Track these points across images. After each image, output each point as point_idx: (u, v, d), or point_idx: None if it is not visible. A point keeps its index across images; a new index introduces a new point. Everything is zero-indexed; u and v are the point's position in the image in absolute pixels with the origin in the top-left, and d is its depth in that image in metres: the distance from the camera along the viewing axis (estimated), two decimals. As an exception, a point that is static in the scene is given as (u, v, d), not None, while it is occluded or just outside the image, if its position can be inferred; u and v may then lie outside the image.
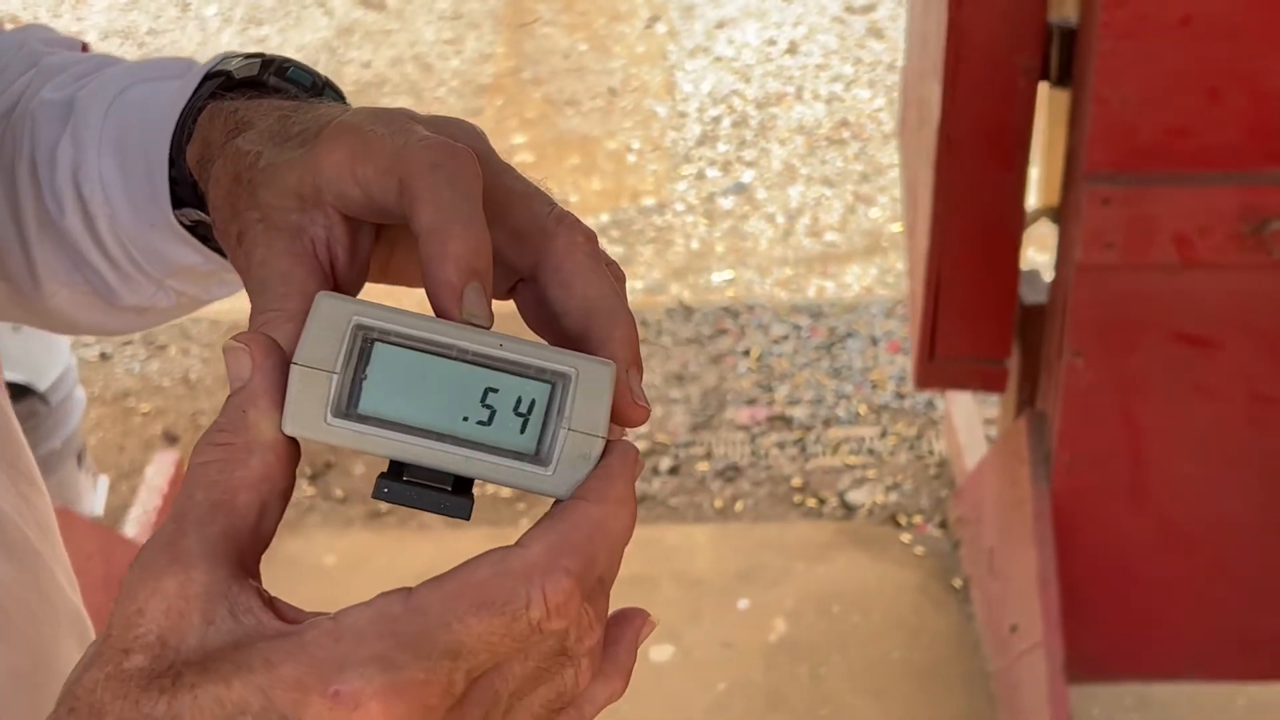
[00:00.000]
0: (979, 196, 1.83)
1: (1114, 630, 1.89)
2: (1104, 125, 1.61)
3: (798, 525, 2.41)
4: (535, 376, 0.48)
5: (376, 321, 0.47)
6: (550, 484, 0.47)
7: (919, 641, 2.18)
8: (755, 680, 2.13)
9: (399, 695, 0.39)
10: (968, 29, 1.70)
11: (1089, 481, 1.82)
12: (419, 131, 0.51)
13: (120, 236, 0.73)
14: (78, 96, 0.74)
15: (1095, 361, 1.74)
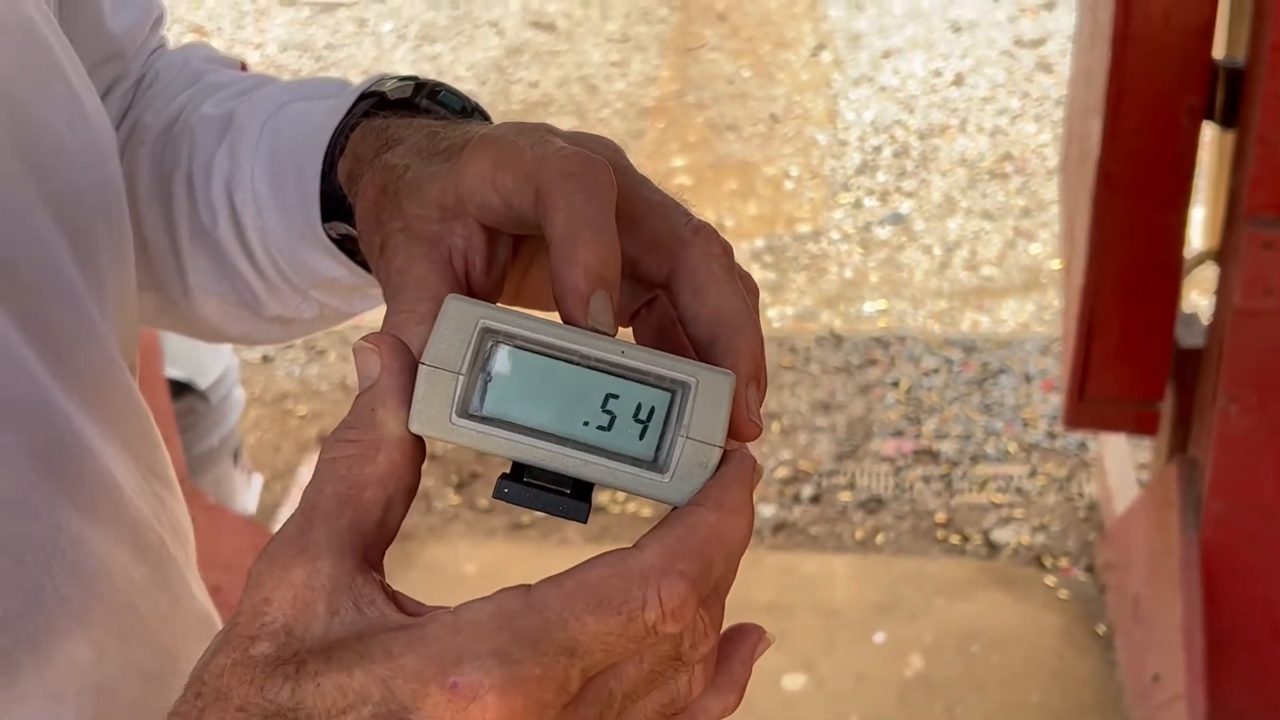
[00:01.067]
0: (1137, 236, 1.82)
1: (1260, 686, 1.87)
2: (1268, 167, 1.60)
3: (939, 561, 2.40)
4: (655, 384, 0.47)
5: (503, 325, 0.47)
6: (667, 491, 0.47)
7: (1059, 686, 2.16)
8: (888, 715, 2.13)
9: (516, 689, 0.40)
10: (1131, 66, 1.70)
11: (1240, 532, 1.79)
12: (557, 143, 0.51)
13: (269, 248, 0.74)
14: (236, 111, 0.76)
15: (1251, 408, 1.72)
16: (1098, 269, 1.83)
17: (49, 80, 0.65)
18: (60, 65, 0.65)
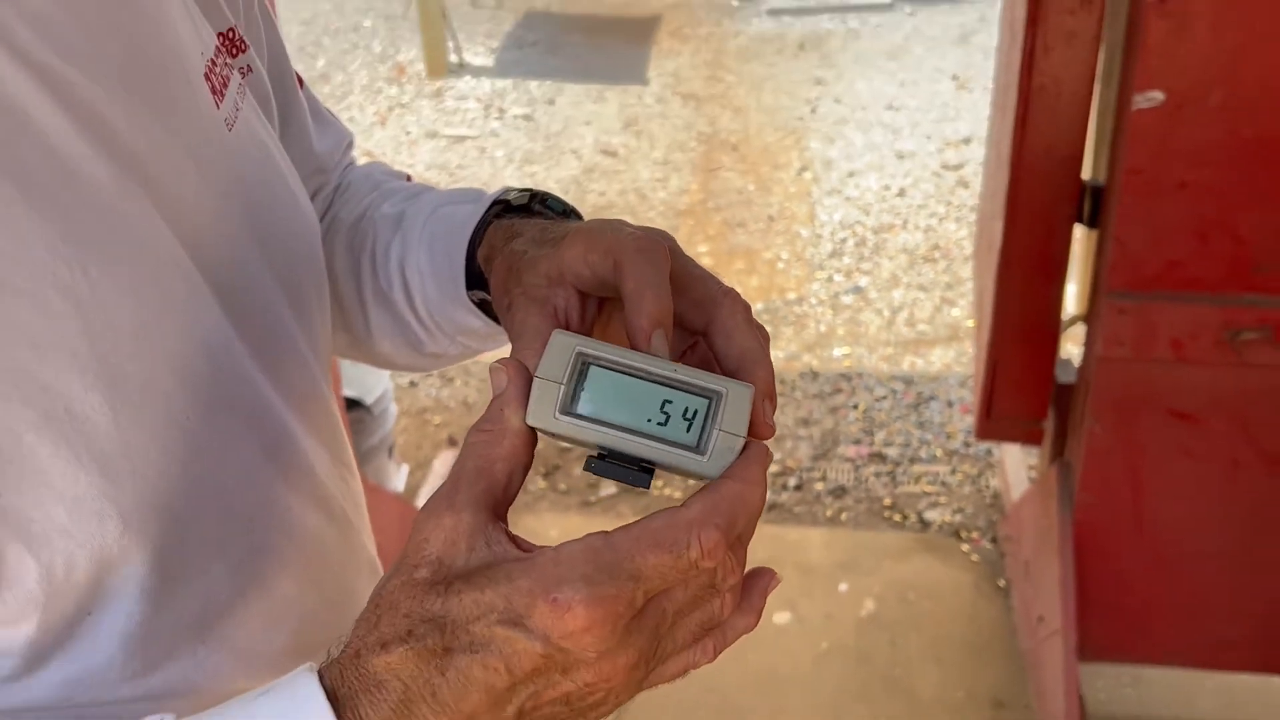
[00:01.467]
0: (1028, 304, 1.85)
1: (1115, 626, 1.88)
2: (1121, 257, 1.62)
3: (886, 534, 2.42)
4: (698, 393, 0.51)
5: (591, 350, 0.51)
6: (706, 468, 0.50)
7: (972, 625, 2.18)
8: (848, 643, 2.15)
9: (597, 604, 0.42)
10: (1023, 185, 1.73)
11: (1101, 516, 1.82)
12: (630, 229, 0.56)
13: (429, 307, 0.75)
14: (406, 211, 0.77)
15: (1109, 428, 1.74)
16: (999, 327, 1.87)
17: (277, 186, 0.65)
18: (284, 176, 0.66)
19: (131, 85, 0.52)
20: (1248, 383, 1.67)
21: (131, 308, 0.51)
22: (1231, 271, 1.60)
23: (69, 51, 0.49)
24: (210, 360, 0.56)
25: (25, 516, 0.47)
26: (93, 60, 0.51)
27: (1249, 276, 1.60)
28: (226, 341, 0.57)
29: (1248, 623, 1.84)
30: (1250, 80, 1.49)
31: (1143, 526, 1.80)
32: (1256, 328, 1.61)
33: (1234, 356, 1.63)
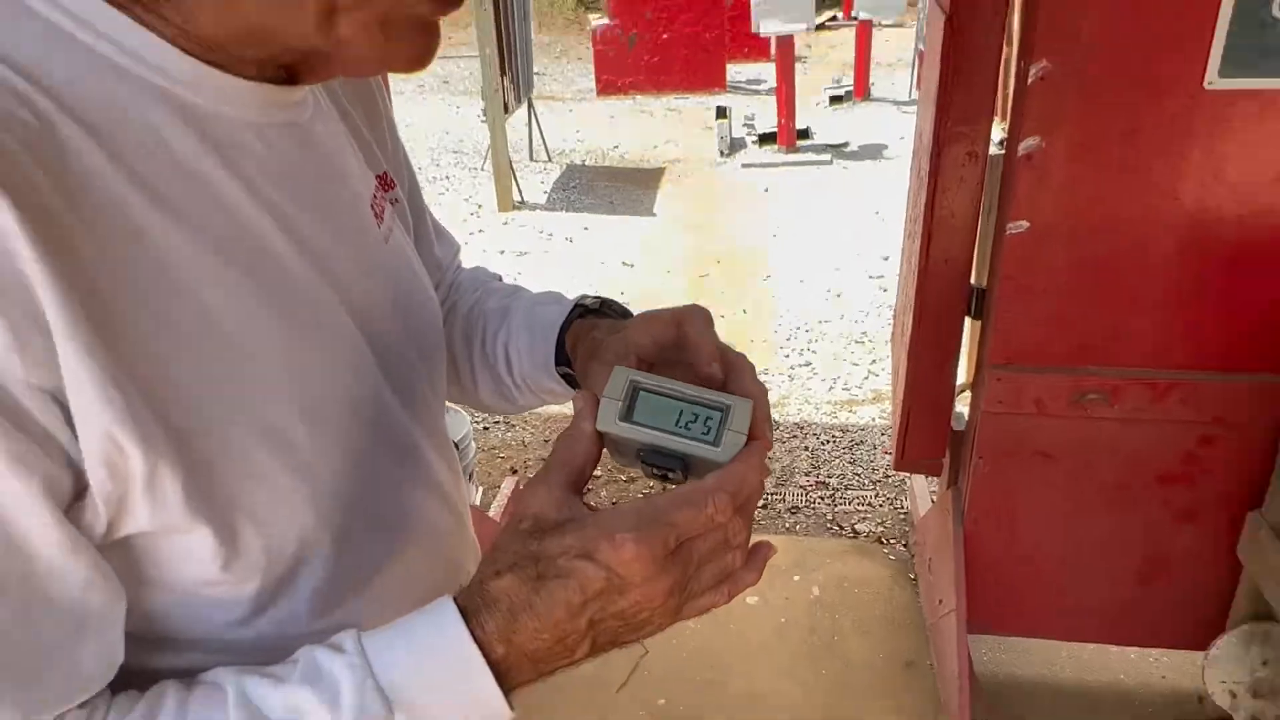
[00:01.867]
0: (930, 375, 1.84)
1: (994, 607, 1.87)
2: (998, 341, 1.64)
3: (829, 541, 2.41)
4: (714, 406, 0.53)
5: (640, 379, 0.54)
6: (719, 456, 0.51)
7: (890, 607, 2.16)
8: (800, 619, 2.14)
9: (643, 541, 0.45)
10: (928, 288, 1.74)
11: (983, 527, 1.81)
12: (682, 310, 0.60)
13: (523, 375, 0.75)
14: (510, 306, 0.77)
15: (990, 463, 1.74)
16: (910, 391, 1.86)
17: (414, 281, 0.65)
18: (419, 274, 0.66)
19: (326, 216, 0.54)
20: (1089, 431, 1.67)
21: (320, 364, 0.52)
22: (1077, 351, 1.62)
23: (290, 195, 0.51)
24: (369, 400, 0.56)
25: (254, 508, 0.47)
26: (304, 200, 0.53)
27: (1089, 354, 1.62)
28: (379, 386, 0.57)
29: (1090, 605, 1.84)
30: (1089, 216, 1.52)
31: (1014, 535, 1.80)
32: (1096, 391, 1.63)
33: (1080, 412, 1.65)
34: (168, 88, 0.44)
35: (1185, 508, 1.72)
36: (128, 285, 0.41)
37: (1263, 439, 1.63)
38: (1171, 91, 1.41)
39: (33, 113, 0.39)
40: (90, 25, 0.41)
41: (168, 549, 0.46)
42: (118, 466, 0.41)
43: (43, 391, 0.38)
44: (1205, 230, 1.49)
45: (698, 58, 6.88)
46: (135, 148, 0.43)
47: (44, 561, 0.40)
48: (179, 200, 0.44)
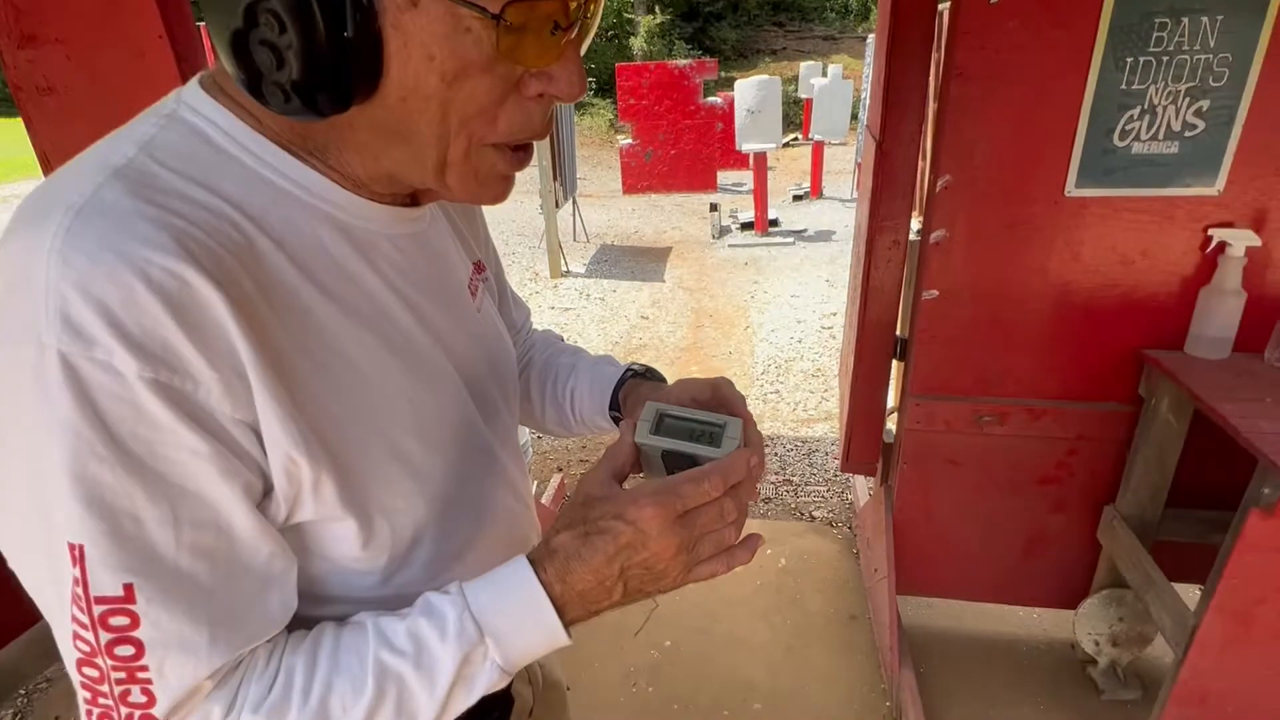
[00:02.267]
0: (867, 401, 1.83)
1: (916, 574, 1.83)
2: (916, 377, 1.62)
3: (792, 524, 2.36)
4: (715, 424, 0.53)
5: (665, 407, 0.55)
6: (719, 455, 0.51)
7: (839, 573, 2.12)
8: (771, 581, 2.10)
9: (658, 505, 0.45)
10: (865, 338, 1.74)
11: (908, 515, 1.78)
12: (715, 378, 0.60)
13: (582, 414, 0.72)
14: (577, 364, 0.74)
15: (912, 467, 1.72)
16: (851, 413, 1.85)
17: (499, 340, 0.63)
18: (503, 335, 0.65)
19: (437, 295, 0.55)
20: (986, 444, 1.65)
21: (430, 399, 0.52)
22: (975, 385, 1.61)
23: (413, 282, 0.52)
24: (463, 424, 0.55)
25: (383, 503, 0.48)
26: (422, 285, 0.53)
27: (984, 387, 1.61)
28: (471, 414, 0.56)
29: (988, 573, 1.81)
30: (982, 286, 1.52)
31: (931, 520, 1.78)
32: (990, 414, 1.62)
33: (978, 430, 1.63)
34: (329, 211, 0.46)
35: (1058, 501, 1.70)
36: (299, 347, 0.43)
37: (1114, 451, 1.61)
38: (1041, 198, 1.42)
39: (241, 233, 0.41)
40: (278, 169, 0.44)
41: (325, 533, 0.47)
42: (293, 475, 0.43)
43: (244, 424, 0.40)
44: (1066, 297, 1.50)
45: (696, 167, 6.95)
46: (307, 253, 0.45)
47: (242, 540, 0.42)
48: (335, 288, 0.46)
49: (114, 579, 0.37)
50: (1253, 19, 1.23)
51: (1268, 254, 1.39)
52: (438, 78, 0.39)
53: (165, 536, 0.38)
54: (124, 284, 0.35)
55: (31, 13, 1.57)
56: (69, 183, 0.38)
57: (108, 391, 0.35)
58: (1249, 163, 1.33)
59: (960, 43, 1.34)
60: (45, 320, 0.34)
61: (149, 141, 0.41)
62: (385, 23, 0.38)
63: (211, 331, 0.38)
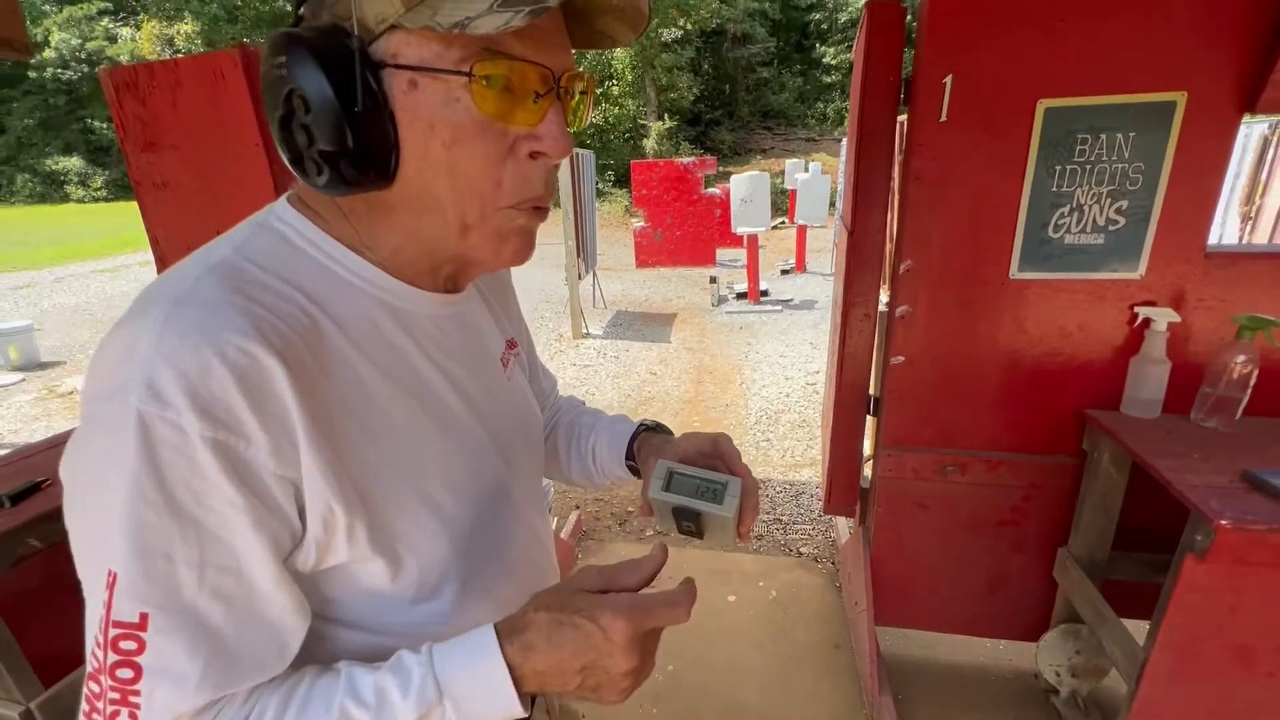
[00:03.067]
0: (846, 451, 1.81)
1: (892, 607, 1.78)
2: (888, 431, 1.62)
3: (781, 559, 2.30)
4: (718, 483, 0.53)
5: (674, 466, 0.54)
6: (723, 512, 0.51)
7: (822, 604, 2.06)
8: (763, 612, 2.04)
9: (631, 621, 0.43)
10: (842, 397, 1.73)
11: (884, 552, 1.74)
12: (716, 434, 0.58)
13: (602, 466, 0.70)
14: (597, 424, 0.72)
15: (886, 511, 1.69)
16: (832, 460, 1.82)
17: (527, 406, 0.61)
18: (530, 400, 0.63)
19: (472, 367, 0.54)
20: (950, 490, 1.63)
21: (461, 455, 0.51)
22: (940, 438, 1.60)
23: (451, 356, 0.52)
24: (491, 476, 0.54)
25: (412, 545, 0.47)
26: (459, 359, 0.53)
27: (947, 441, 1.60)
28: (499, 469, 0.55)
29: (956, 607, 1.75)
30: (941, 353, 1.53)
31: (904, 558, 1.74)
32: (952, 465, 1.60)
33: (943, 478, 1.62)
34: (382, 296, 0.48)
35: (1016, 542, 1.66)
36: (348, 410, 0.44)
37: (1064, 498, 1.59)
38: (990, 279, 1.45)
39: (308, 315, 0.43)
40: (341, 263, 0.46)
41: (359, 570, 0.46)
42: (329, 523, 0.43)
43: (286, 479, 0.41)
44: (1016, 363, 1.50)
45: (698, 246, 7.09)
46: (361, 331, 0.46)
47: (260, 588, 0.41)
48: (383, 361, 0.47)
49: (134, 607, 0.37)
50: (1160, 135, 1.28)
51: (1187, 329, 1.40)
52: (440, 145, 0.41)
53: (190, 576, 0.38)
54: (204, 359, 0.37)
55: (155, 125, 1.68)
56: (177, 277, 0.41)
57: (170, 445, 0.37)
58: (1164, 252, 1.36)
59: (916, 152, 1.40)
60: (135, 384, 0.37)
61: (242, 244, 0.44)
62: (395, 106, 0.40)
63: (271, 400, 0.39)
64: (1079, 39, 1.25)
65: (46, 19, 18.94)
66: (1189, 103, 1.24)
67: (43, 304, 6.96)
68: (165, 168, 1.72)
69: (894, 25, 1.40)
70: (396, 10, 0.38)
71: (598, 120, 14.26)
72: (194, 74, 1.60)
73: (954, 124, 1.36)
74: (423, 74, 0.40)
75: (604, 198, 13.70)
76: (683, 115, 16.16)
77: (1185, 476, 1.15)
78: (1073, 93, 1.28)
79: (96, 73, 1.71)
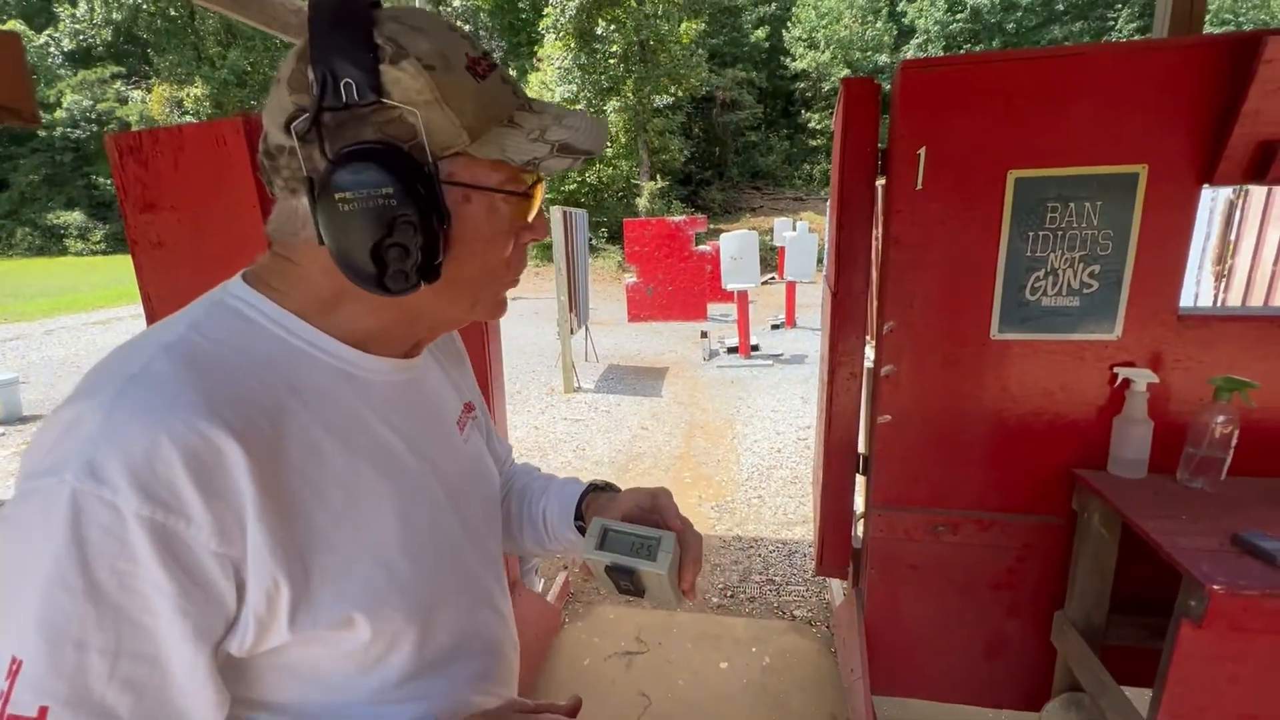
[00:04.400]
0: (836, 510, 1.79)
1: (889, 675, 1.72)
2: (878, 490, 1.60)
3: (775, 623, 2.23)
4: (651, 538, 0.53)
5: (609, 523, 0.55)
6: (656, 568, 0.51)
7: (818, 672, 1.98)
8: (757, 679, 1.96)
9: None
10: (831, 456, 1.72)
11: (879, 617, 1.70)
12: (655, 489, 0.59)
13: (553, 529, 0.68)
14: (549, 487, 0.71)
15: (879, 572, 1.66)
16: (824, 520, 1.80)
17: (484, 468, 0.62)
18: (487, 462, 0.63)
19: (428, 429, 0.55)
20: (942, 551, 1.60)
21: (419, 519, 0.51)
22: (931, 498, 1.58)
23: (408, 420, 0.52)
24: (449, 542, 0.54)
25: (366, 609, 0.46)
26: (416, 422, 0.53)
27: (937, 500, 1.58)
28: (456, 533, 0.55)
29: (954, 675, 1.69)
30: (927, 412, 1.53)
31: (899, 623, 1.69)
32: (944, 524, 1.59)
33: (935, 538, 1.60)
34: (338, 365, 0.48)
35: (1012, 605, 1.63)
36: (303, 479, 0.44)
37: (1058, 559, 1.57)
38: (971, 340, 1.48)
39: (264, 385, 0.44)
40: (298, 335, 0.47)
41: (312, 636, 0.45)
42: (273, 596, 0.42)
43: (226, 558, 0.40)
44: (1001, 422, 1.51)
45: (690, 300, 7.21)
46: (320, 401, 0.47)
47: (175, 677, 0.40)
48: (341, 428, 0.47)
49: (34, 699, 0.36)
50: (1126, 204, 1.34)
51: (1167, 388, 1.42)
52: (481, 244, 0.47)
53: (102, 666, 0.37)
54: (151, 438, 0.37)
55: (156, 186, 1.72)
56: (129, 355, 0.41)
57: (100, 526, 0.36)
58: (1139, 314, 1.40)
59: (894, 218, 1.45)
60: (73, 462, 0.37)
61: (196, 322, 0.44)
62: (453, 217, 0.46)
63: (220, 479, 0.39)
64: (1042, 117, 1.32)
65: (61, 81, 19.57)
66: (1150, 174, 1.31)
67: (31, 356, 6.92)
68: (163, 227, 1.75)
69: (869, 100, 1.48)
70: (463, 141, 0.44)
71: (592, 180, 14.71)
72: (197, 139, 1.65)
73: (929, 191, 1.41)
74: (476, 191, 0.45)
75: (598, 253, 14.00)
76: (674, 175, 16.73)
77: (1175, 540, 1.15)
78: (1040, 164, 1.35)
79: (103, 136, 1.76)
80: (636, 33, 13.83)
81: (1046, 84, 1.30)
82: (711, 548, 2.68)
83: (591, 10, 13.74)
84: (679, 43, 14.34)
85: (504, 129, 0.45)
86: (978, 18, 18.58)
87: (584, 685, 1.93)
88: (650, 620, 2.22)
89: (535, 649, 1.98)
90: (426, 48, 0.42)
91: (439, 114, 0.42)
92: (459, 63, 0.43)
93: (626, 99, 14.39)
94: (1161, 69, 1.25)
